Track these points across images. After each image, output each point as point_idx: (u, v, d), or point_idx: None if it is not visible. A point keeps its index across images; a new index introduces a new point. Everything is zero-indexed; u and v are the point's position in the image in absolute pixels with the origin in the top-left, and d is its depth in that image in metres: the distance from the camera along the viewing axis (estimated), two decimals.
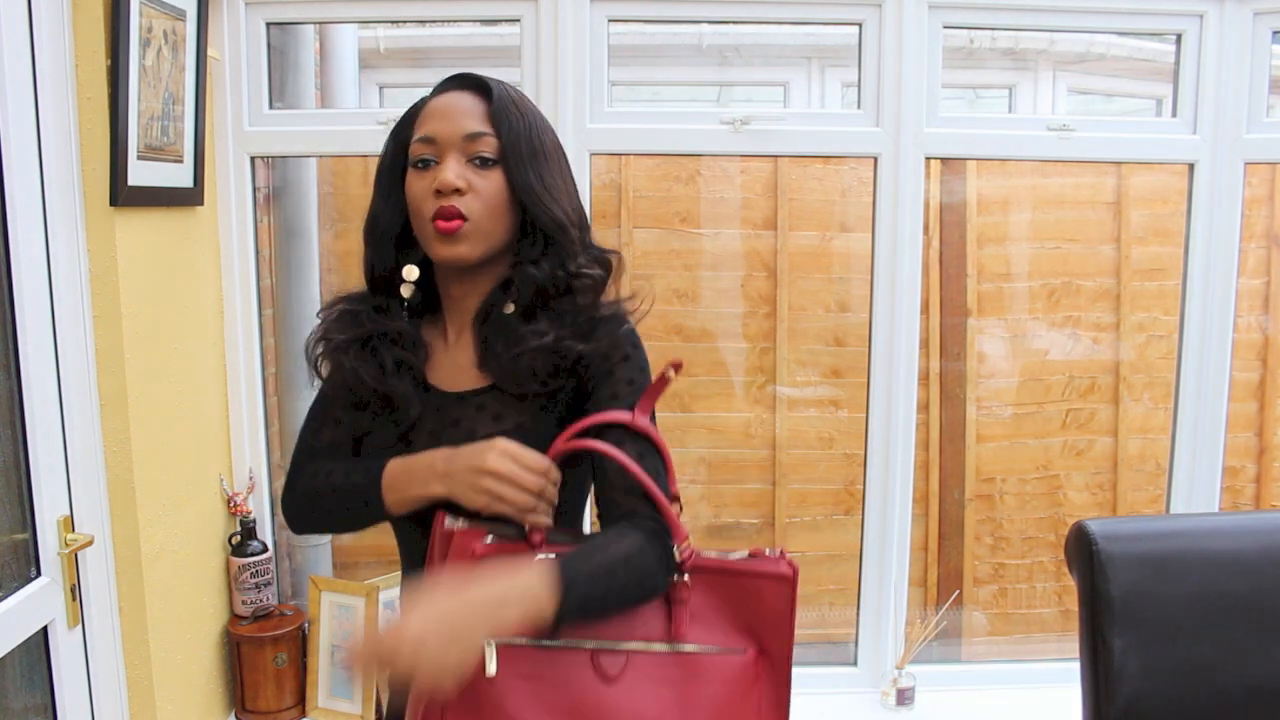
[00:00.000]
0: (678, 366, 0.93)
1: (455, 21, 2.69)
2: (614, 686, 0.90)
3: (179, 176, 1.66)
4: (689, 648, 0.93)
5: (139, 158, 1.52)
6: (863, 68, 1.89)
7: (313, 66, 2.08)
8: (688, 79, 2.97)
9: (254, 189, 1.93)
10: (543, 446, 0.95)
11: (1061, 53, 2.90)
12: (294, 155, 2.06)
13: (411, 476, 0.96)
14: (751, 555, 0.97)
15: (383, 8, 1.96)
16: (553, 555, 0.89)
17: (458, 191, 0.95)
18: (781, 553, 0.95)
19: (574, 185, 1.04)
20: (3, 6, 1.31)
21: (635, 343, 1.01)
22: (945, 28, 1.88)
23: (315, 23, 2.08)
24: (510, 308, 0.99)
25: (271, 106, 1.91)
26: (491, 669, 0.83)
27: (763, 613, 0.94)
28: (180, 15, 1.60)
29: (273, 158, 2.04)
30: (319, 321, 1.06)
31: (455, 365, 1.03)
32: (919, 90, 1.87)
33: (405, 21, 2.63)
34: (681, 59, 2.85)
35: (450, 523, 0.93)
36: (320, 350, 1.04)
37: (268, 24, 1.88)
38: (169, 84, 1.59)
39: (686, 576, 0.93)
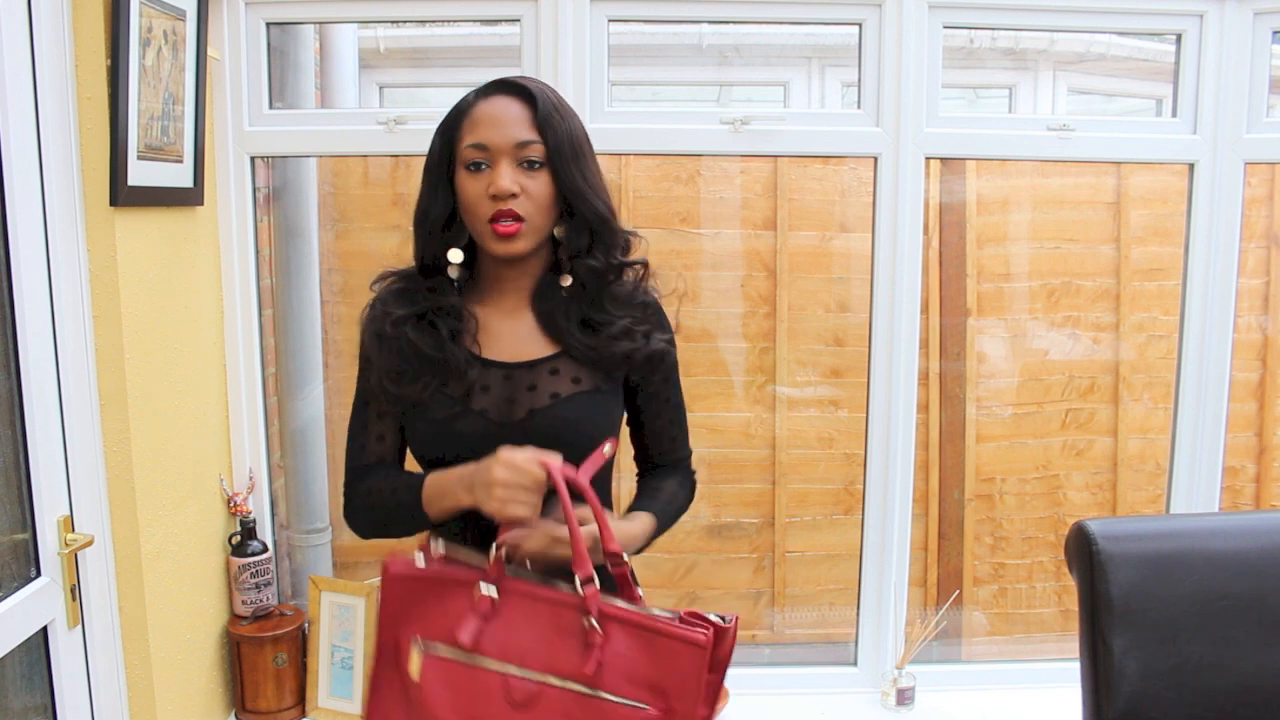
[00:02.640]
0: (613, 444, 1.11)
1: (455, 21, 2.69)
2: (523, 712, 0.98)
3: (179, 176, 1.66)
4: (600, 694, 0.98)
5: (139, 158, 1.52)
6: (863, 68, 1.89)
7: (313, 66, 2.08)
8: (688, 79, 2.96)
9: (254, 189, 1.93)
10: (616, 403, 1.16)
11: (1061, 53, 2.90)
12: (294, 155, 2.06)
13: (443, 491, 1.08)
14: (686, 616, 1.02)
15: (383, 8, 1.96)
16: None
17: (512, 196, 1.07)
18: (725, 618, 1.00)
19: (602, 176, 1.15)
20: (3, 6, 1.31)
21: (670, 328, 1.22)
22: (945, 28, 1.88)
23: (315, 23, 2.08)
24: (566, 281, 1.13)
25: (271, 106, 1.91)
26: (415, 674, 1.00)
27: (674, 674, 0.98)
28: (180, 15, 1.60)
29: (273, 158, 2.04)
30: (374, 294, 1.17)
31: (516, 337, 1.15)
32: (919, 90, 1.87)
33: (405, 21, 2.63)
34: (681, 59, 2.85)
35: (434, 548, 1.06)
36: (385, 322, 1.13)
37: (268, 24, 1.88)
38: (169, 84, 1.59)
39: (595, 622, 0.99)
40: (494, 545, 1.02)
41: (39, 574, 1.44)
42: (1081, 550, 1.17)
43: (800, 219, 2.44)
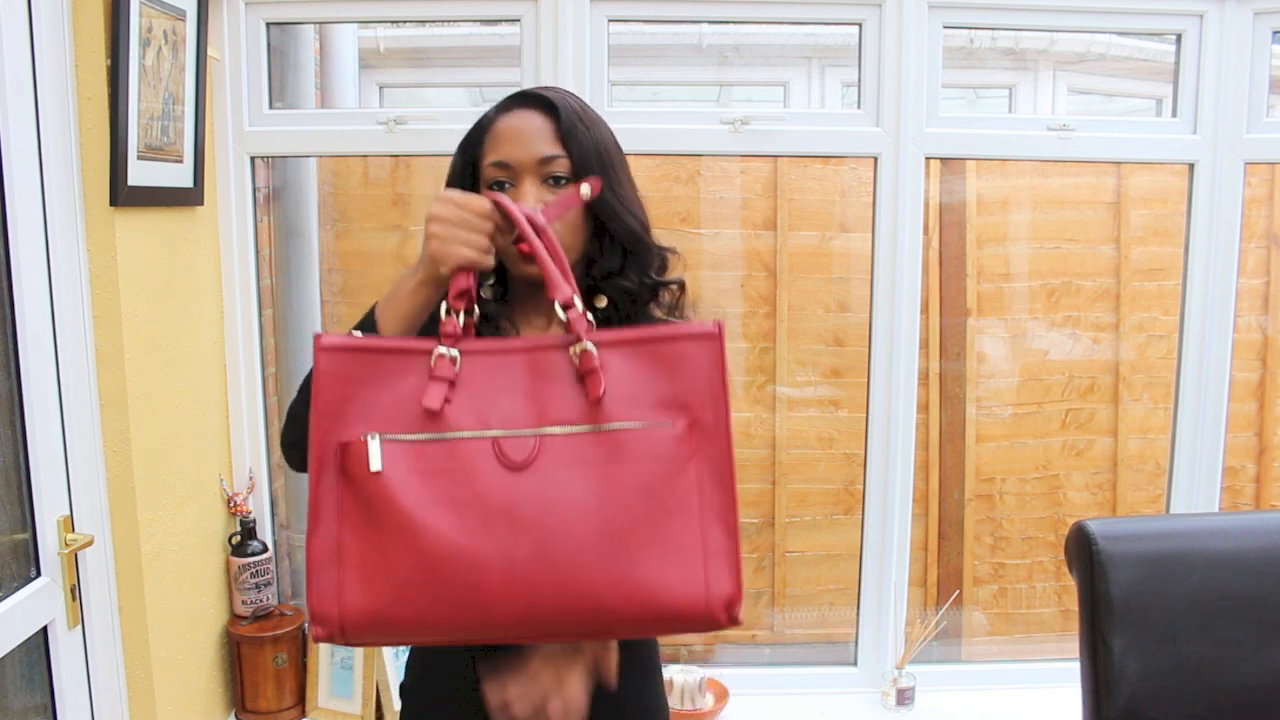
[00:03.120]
0: (594, 185, 0.96)
1: (455, 21, 2.69)
2: (523, 474, 0.83)
3: (179, 176, 1.66)
4: (610, 425, 0.84)
5: (139, 158, 1.52)
6: (863, 68, 1.89)
7: (313, 66, 2.08)
8: (688, 79, 2.96)
9: (254, 189, 1.93)
10: None
11: (1061, 53, 2.89)
12: (294, 155, 2.06)
13: (394, 291, 0.95)
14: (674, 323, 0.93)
15: (383, 8, 1.96)
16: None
17: None
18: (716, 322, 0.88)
19: (636, 187, 1.07)
20: (3, 6, 1.31)
21: None
22: (945, 28, 1.89)
23: (315, 23, 2.08)
24: (601, 302, 1.03)
25: (271, 106, 1.91)
26: (376, 463, 0.82)
27: (690, 379, 0.86)
28: (180, 15, 1.59)
29: (273, 158, 2.04)
30: None
31: None
32: (919, 90, 1.87)
33: (405, 21, 2.63)
34: (681, 59, 2.85)
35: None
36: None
37: (268, 24, 1.88)
38: (169, 84, 1.59)
39: (589, 344, 0.85)
40: (443, 304, 0.88)
41: (39, 574, 1.44)
42: (1081, 550, 1.17)
43: (800, 219, 2.44)
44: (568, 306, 0.87)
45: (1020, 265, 2.53)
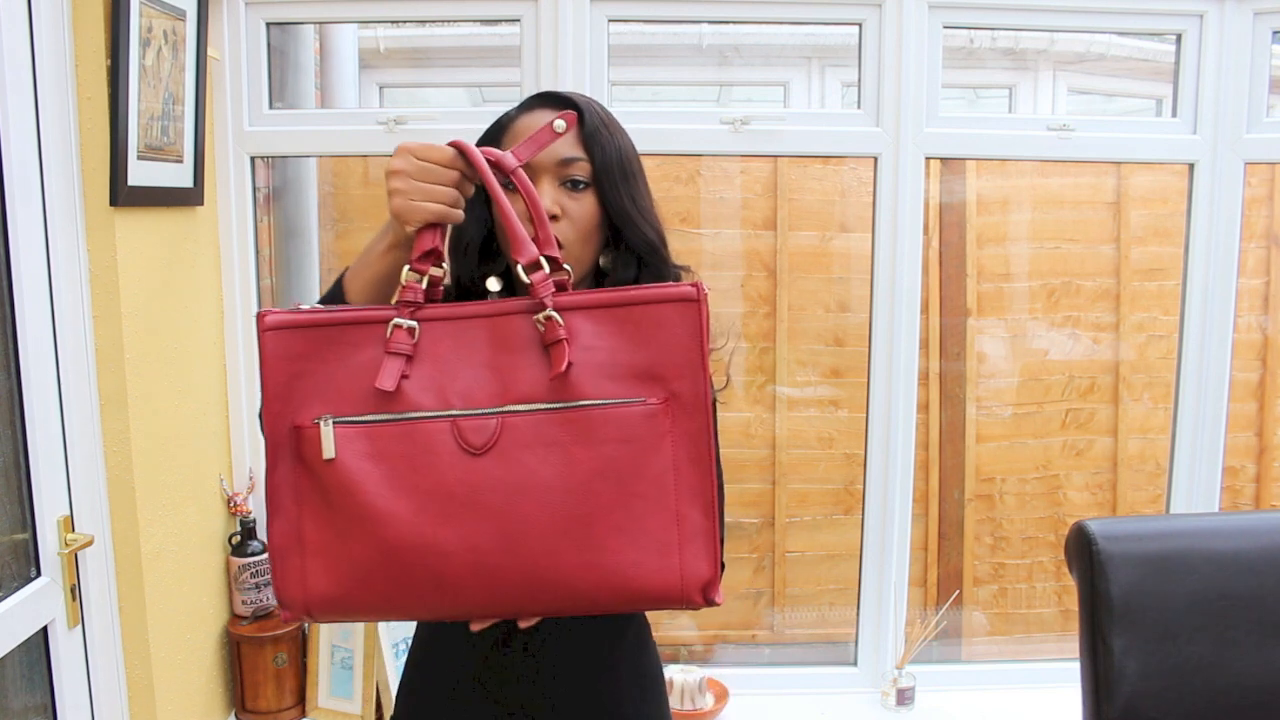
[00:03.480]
0: (569, 120, 0.89)
1: (455, 21, 2.69)
2: (484, 458, 0.78)
3: (179, 176, 1.66)
4: (576, 403, 0.78)
5: (139, 158, 1.52)
6: (863, 68, 1.89)
7: (313, 66, 2.08)
8: (688, 79, 2.97)
9: (254, 189, 1.93)
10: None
11: (1061, 53, 2.90)
12: (294, 155, 2.06)
13: (366, 252, 0.89)
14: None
15: (383, 8, 1.96)
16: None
17: (552, 219, 0.93)
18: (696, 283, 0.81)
19: (653, 199, 1.04)
20: (3, 6, 1.31)
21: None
22: (945, 28, 1.89)
23: (315, 23, 2.08)
24: None
25: (271, 106, 1.91)
26: (329, 450, 0.78)
27: (666, 347, 0.79)
28: (180, 15, 1.60)
29: (273, 158, 2.04)
30: None
31: None
32: (919, 90, 1.87)
33: (405, 21, 2.63)
34: (681, 59, 2.85)
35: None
36: None
37: (268, 24, 1.88)
38: (169, 84, 1.59)
39: (554, 311, 0.79)
40: (406, 267, 0.82)
41: (39, 574, 1.44)
42: (1081, 550, 1.17)
43: (800, 219, 2.44)
44: (533, 268, 0.80)
45: (1020, 265, 2.53)
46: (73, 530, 1.48)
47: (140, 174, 1.52)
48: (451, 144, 0.82)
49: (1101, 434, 2.56)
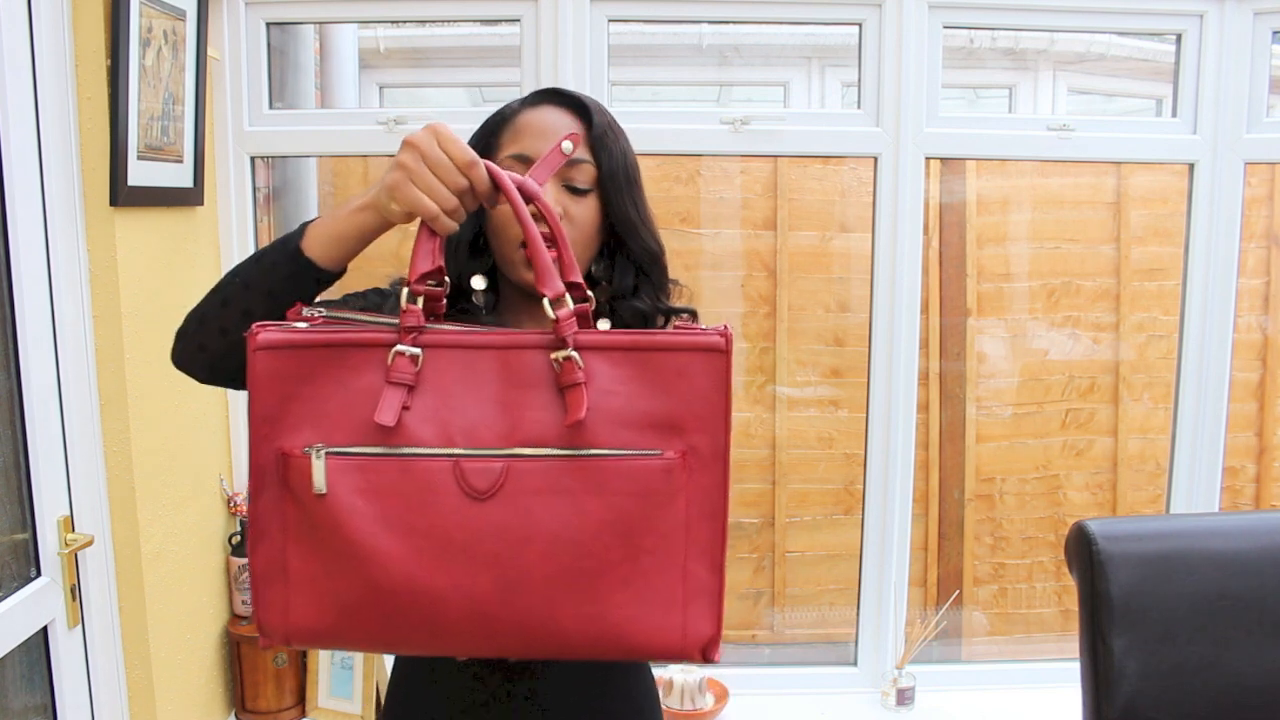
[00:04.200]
0: (575, 140, 0.85)
1: (455, 21, 2.69)
2: (487, 504, 0.73)
3: (179, 176, 1.66)
4: (590, 451, 0.74)
5: (139, 158, 1.52)
6: (863, 68, 1.89)
7: (313, 66, 2.08)
8: (688, 79, 2.97)
9: (254, 189, 1.93)
10: None
11: (1061, 53, 2.90)
12: (294, 155, 2.06)
13: (337, 213, 0.82)
14: (679, 325, 0.84)
15: (383, 8, 1.96)
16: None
17: None
18: (724, 329, 0.77)
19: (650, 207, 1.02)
20: (3, 6, 1.31)
21: None
22: (945, 28, 1.89)
23: (315, 23, 2.08)
24: (604, 325, 0.90)
25: (271, 106, 1.91)
26: (320, 485, 0.73)
27: (688, 398, 0.75)
28: (180, 15, 1.60)
29: (273, 158, 2.04)
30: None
31: None
32: (919, 90, 1.87)
33: (405, 21, 2.63)
34: (681, 59, 2.85)
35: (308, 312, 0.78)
36: None
37: (268, 24, 1.88)
38: (169, 84, 1.59)
39: (574, 352, 0.74)
40: (403, 287, 0.76)
41: (39, 574, 1.44)
42: (1081, 550, 1.17)
43: (800, 219, 2.44)
44: (558, 303, 0.75)
45: (1020, 265, 2.53)
46: (73, 530, 1.48)
47: (140, 174, 1.52)
48: (488, 166, 0.77)
49: (1101, 434, 2.56)
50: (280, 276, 0.82)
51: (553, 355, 0.75)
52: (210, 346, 0.83)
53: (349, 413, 0.74)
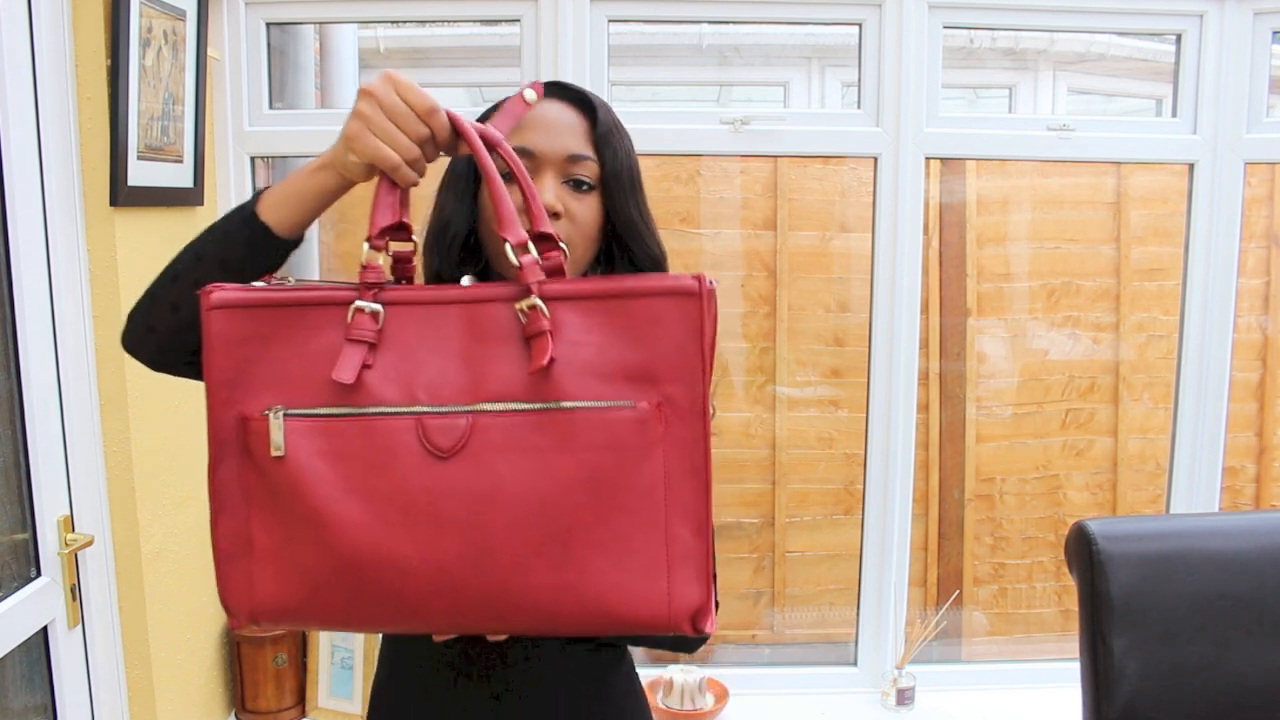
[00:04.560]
0: (538, 89, 0.81)
1: (455, 21, 2.69)
2: (451, 462, 0.69)
3: (179, 176, 1.66)
4: (558, 404, 0.69)
5: (139, 158, 1.52)
6: (863, 68, 1.89)
7: (313, 66, 2.08)
8: (688, 79, 2.97)
9: (254, 189, 1.93)
10: None
11: (1061, 53, 2.90)
12: (294, 155, 2.06)
13: (295, 176, 0.79)
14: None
15: (383, 8, 1.96)
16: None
17: (555, 216, 0.85)
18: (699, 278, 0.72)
19: None
20: (3, 6, 1.31)
21: None
22: (945, 28, 1.89)
23: (315, 23, 2.08)
24: None
25: (271, 106, 1.91)
26: (278, 446, 0.70)
27: (662, 346, 0.70)
28: (180, 15, 1.59)
29: (273, 158, 2.04)
30: None
31: None
32: (919, 90, 1.87)
33: (405, 21, 2.63)
34: (681, 59, 2.85)
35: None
36: None
37: (268, 24, 1.88)
38: (169, 84, 1.59)
39: (538, 299, 0.70)
40: (365, 243, 0.73)
41: (39, 574, 1.44)
42: (1081, 550, 1.17)
43: (800, 219, 2.44)
44: (521, 249, 0.72)
45: (1020, 265, 2.53)
46: (73, 530, 1.48)
47: (140, 174, 1.52)
48: (441, 109, 0.73)
49: (1101, 434, 2.56)
50: (234, 244, 0.79)
51: (517, 305, 0.71)
52: (159, 326, 0.79)
53: (309, 373, 0.72)
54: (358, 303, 0.71)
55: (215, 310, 0.72)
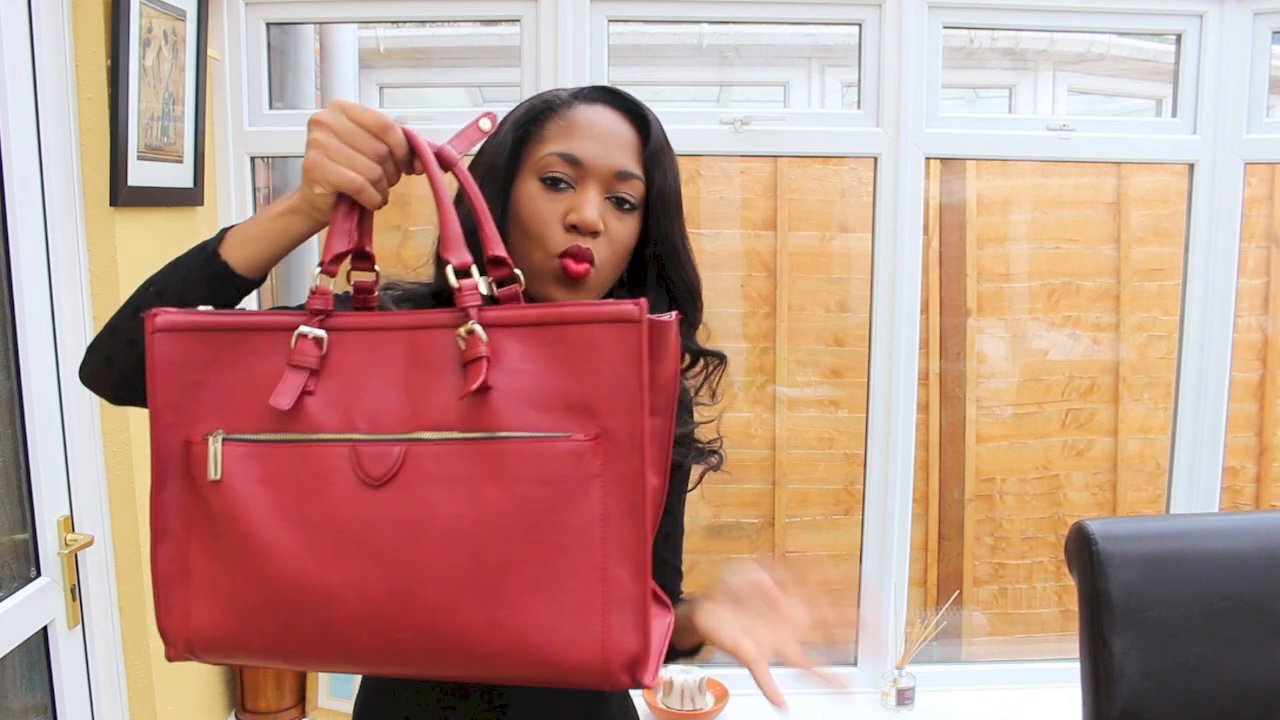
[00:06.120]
0: (491, 118, 0.78)
1: (455, 21, 2.70)
2: (382, 491, 0.67)
3: (179, 176, 1.66)
4: (488, 434, 0.67)
5: (139, 158, 1.52)
6: (863, 68, 1.89)
7: (313, 66, 2.08)
8: (688, 79, 2.97)
9: (254, 189, 1.93)
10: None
11: (1061, 53, 2.90)
12: (294, 155, 2.06)
13: (261, 213, 0.77)
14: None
15: (383, 8, 1.96)
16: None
17: (594, 235, 0.83)
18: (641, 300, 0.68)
19: None
20: (3, 6, 1.31)
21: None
22: (945, 28, 1.89)
23: (315, 23, 2.08)
24: None
25: (271, 107, 1.91)
26: (214, 471, 0.69)
27: (600, 376, 0.66)
28: (180, 15, 1.60)
29: (273, 158, 2.04)
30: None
31: None
32: (919, 90, 1.87)
33: (405, 21, 2.63)
34: (681, 59, 2.85)
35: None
36: None
37: (268, 24, 1.88)
38: (169, 84, 1.59)
39: (477, 325, 0.67)
40: (316, 269, 0.72)
41: (39, 574, 1.44)
42: (1081, 550, 1.17)
43: (800, 219, 2.44)
44: (461, 272, 0.69)
45: (1020, 265, 2.53)
46: (73, 530, 1.48)
47: (140, 174, 1.52)
48: (399, 126, 0.73)
49: (1101, 434, 2.57)
50: (194, 282, 0.77)
51: (458, 331, 0.68)
52: (117, 360, 0.77)
53: (253, 398, 0.70)
54: (301, 328, 0.70)
55: (160, 333, 0.71)
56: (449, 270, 0.69)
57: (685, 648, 0.87)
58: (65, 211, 1.45)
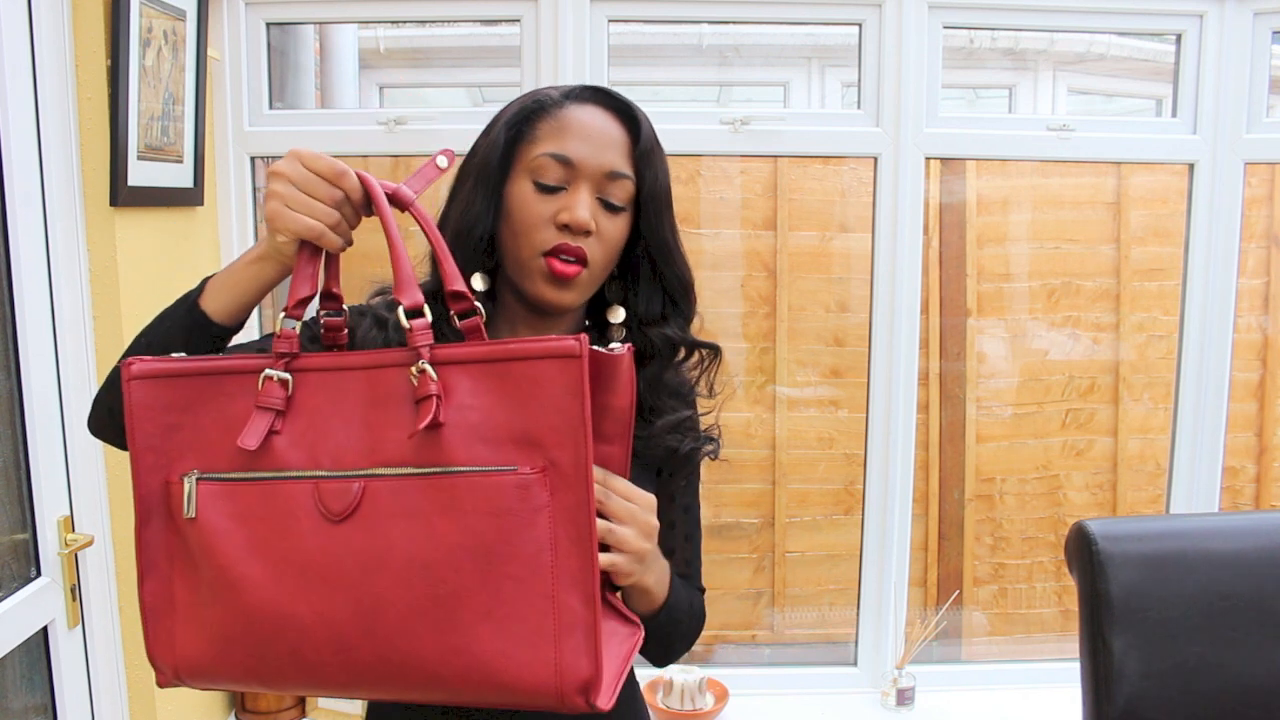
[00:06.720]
0: (450, 156, 0.80)
1: (455, 21, 2.70)
2: (343, 525, 0.71)
3: (179, 176, 1.66)
4: (437, 469, 0.70)
5: (139, 158, 1.52)
6: (863, 68, 1.89)
7: (313, 66, 2.09)
8: (688, 79, 2.97)
9: (254, 189, 1.93)
10: (649, 479, 0.92)
11: (1061, 53, 2.90)
12: None
13: (234, 264, 0.81)
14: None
15: (383, 8, 1.96)
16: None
17: (586, 234, 0.85)
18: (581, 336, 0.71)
19: None
20: (3, 6, 1.31)
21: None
22: (945, 28, 1.89)
23: (315, 23, 2.08)
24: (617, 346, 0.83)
25: (271, 107, 1.91)
26: (189, 509, 0.73)
27: (545, 410, 0.69)
28: (180, 15, 1.60)
29: (273, 158, 2.04)
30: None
31: None
32: (919, 90, 1.87)
33: (405, 21, 2.63)
34: (681, 59, 2.85)
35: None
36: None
37: (268, 24, 1.88)
38: (169, 84, 1.59)
39: (427, 364, 0.71)
40: (282, 314, 0.76)
41: (39, 574, 1.44)
42: (1081, 550, 1.17)
43: (800, 219, 2.44)
44: (412, 313, 0.72)
45: (1020, 265, 2.53)
46: (73, 530, 1.48)
47: (140, 174, 1.52)
48: (353, 171, 0.76)
49: (1101, 434, 2.56)
50: (176, 331, 0.82)
51: (410, 370, 0.72)
52: (119, 410, 0.79)
53: (226, 439, 0.74)
54: (267, 371, 0.74)
55: (135, 380, 0.75)
56: (400, 312, 0.73)
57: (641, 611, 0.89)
58: (65, 211, 1.45)
